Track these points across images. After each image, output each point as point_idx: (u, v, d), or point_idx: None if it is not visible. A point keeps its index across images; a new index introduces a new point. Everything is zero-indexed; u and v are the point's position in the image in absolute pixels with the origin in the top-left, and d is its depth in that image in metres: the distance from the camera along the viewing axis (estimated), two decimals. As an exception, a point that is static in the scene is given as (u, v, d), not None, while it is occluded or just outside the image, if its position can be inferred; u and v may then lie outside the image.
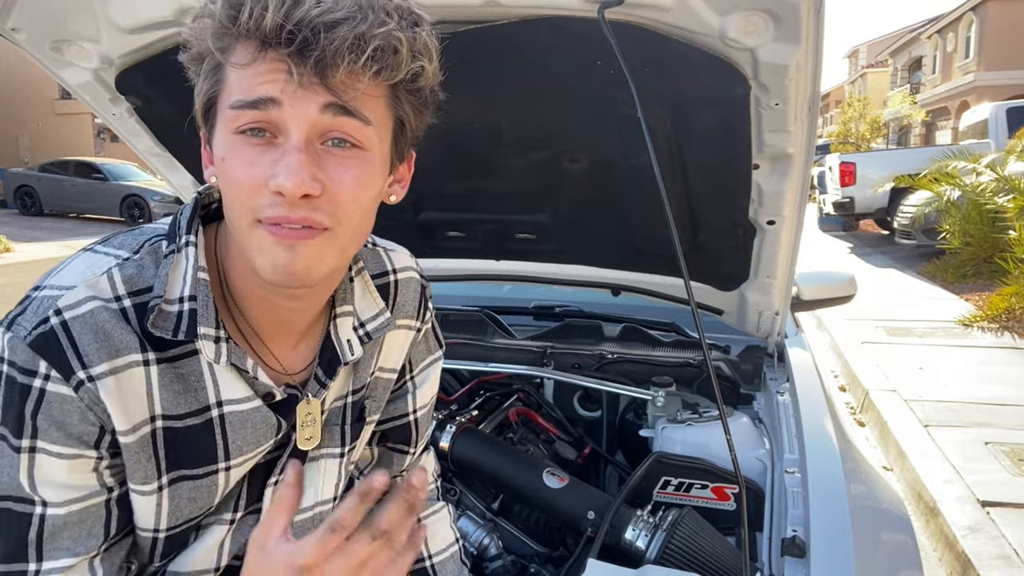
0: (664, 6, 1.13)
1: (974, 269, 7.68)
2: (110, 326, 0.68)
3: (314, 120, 0.65)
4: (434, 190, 1.86)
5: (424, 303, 0.99)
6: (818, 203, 13.39)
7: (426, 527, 0.82)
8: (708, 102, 1.36)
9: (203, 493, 0.78)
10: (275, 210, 0.65)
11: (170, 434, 0.74)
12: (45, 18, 1.33)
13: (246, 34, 0.63)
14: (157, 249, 0.74)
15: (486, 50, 1.33)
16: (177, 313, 0.71)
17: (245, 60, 0.64)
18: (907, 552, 1.30)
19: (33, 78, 22.66)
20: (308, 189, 0.64)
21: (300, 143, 0.64)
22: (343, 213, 0.68)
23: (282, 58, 0.62)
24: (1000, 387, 4.44)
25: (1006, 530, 2.83)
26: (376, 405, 0.96)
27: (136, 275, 0.71)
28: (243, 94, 0.64)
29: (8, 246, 11.39)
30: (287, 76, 0.63)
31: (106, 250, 0.74)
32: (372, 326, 0.87)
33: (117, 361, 0.69)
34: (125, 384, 0.69)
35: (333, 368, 0.84)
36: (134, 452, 0.72)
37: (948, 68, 26.78)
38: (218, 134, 0.68)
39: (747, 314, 1.95)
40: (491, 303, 2.32)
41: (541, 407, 1.98)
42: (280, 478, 0.85)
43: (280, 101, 0.64)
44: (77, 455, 0.69)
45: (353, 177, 0.68)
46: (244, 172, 0.65)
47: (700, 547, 1.30)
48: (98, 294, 0.69)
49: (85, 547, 0.72)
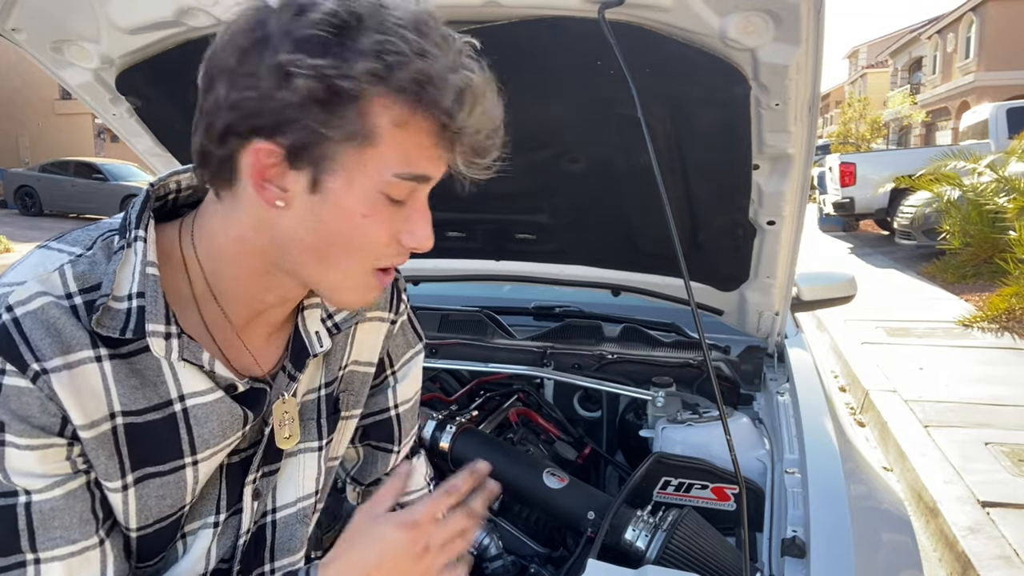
0: (664, 6, 1.13)
1: (974, 269, 7.68)
2: (60, 322, 0.67)
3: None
4: (434, 190, 1.86)
5: (397, 295, 0.99)
6: (818, 203, 13.39)
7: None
8: (708, 102, 1.36)
9: (171, 490, 0.77)
10: (398, 259, 0.74)
11: (132, 430, 0.73)
12: (45, 18, 1.33)
13: (444, 120, 0.66)
14: (109, 244, 0.72)
15: (486, 50, 1.33)
16: (126, 311, 0.70)
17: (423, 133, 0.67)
18: (907, 552, 1.30)
19: (33, 78, 22.68)
20: None
21: (426, 206, 0.73)
22: None
23: (451, 147, 0.69)
24: (1000, 387, 4.44)
25: (1006, 530, 2.83)
26: (355, 400, 0.96)
27: (88, 271, 0.70)
28: (411, 167, 0.68)
29: (8, 246, 11.40)
30: (440, 153, 0.69)
31: (60, 247, 0.73)
32: (339, 317, 0.88)
33: (70, 357, 0.68)
34: (79, 379, 0.68)
35: (302, 360, 0.84)
36: (93, 448, 0.71)
37: (948, 68, 26.79)
38: (356, 185, 0.67)
39: (747, 314, 1.95)
40: (491, 303, 2.31)
41: (541, 407, 1.98)
42: (257, 476, 0.85)
43: (433, 178, 0.71)
44: (46, 445, 0.68)
45: None
46: (381, 230, 0.70)
47: (700, 547, 1.30)
48: (49, 290, 0.68)
49: (80, 533, 0.71)
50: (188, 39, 1.35)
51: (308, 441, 0.89)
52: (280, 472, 0.88)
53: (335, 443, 0.95)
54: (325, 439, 0.91)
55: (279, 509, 0.89)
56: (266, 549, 0.89)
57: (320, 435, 0.90)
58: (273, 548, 0.90)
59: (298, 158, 0.66)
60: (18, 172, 17.96)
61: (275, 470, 0.87)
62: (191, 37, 1.34)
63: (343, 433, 0.96)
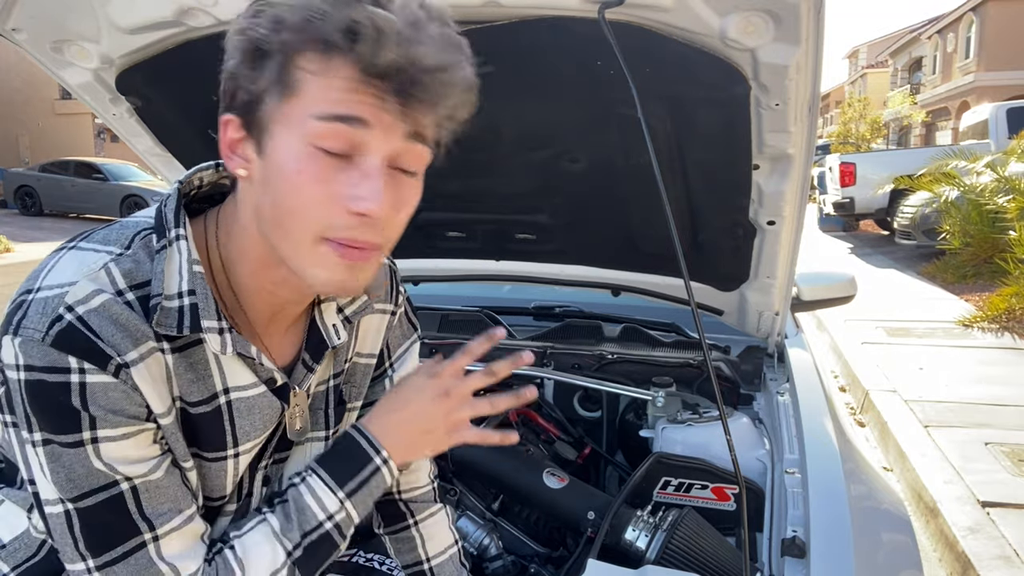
0: (664, 6, 1.13)
1: (974, 269, 7.68)
2: (124, 317, 0.69)
3: (396, 147, 0.68)
4: (434, 190, 1.86)
5: (396, 286, 1.02)
6: (818, 203, 13.39)
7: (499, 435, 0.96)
8: (708, 102, 1.36)
9: (212, 479, 0.81)
10: (348, 232, 0.68)
11: (187, 418, 0.76)
12: (45, 18, 1.33)
13: (355, 60, 0.63)
14: (148, 244, 0.73)
15: (486, 50, 1.33)
16: (178, 309, 0.72)
17: (339, 77, 0.64)
18: (907, 552, 1.30)
19: (33, 78, 22.68)
20: (387, 214, 0.68)
21: (383, 167, 0.67)
22: (394, 233, 0.73)
23: (382, 87, 0.64)
24: (1000, 387, 4.44)
25: (1006, 530, 2.83)
26: (357, 391, 0.99)
27: (134, 269, 0.71)
28: (332, 107, 0.65)
29: (8, 246, 11.40)
30: (380, 103, 0.65)
31: (93, 247, 0.73)
32: (351, 309, 0.90)
33: (141, 348, 0.70)
34: (154, 369, 0.71)
35: (320, 353, 0.87)
36: (171, 434, 0.74)
37: (948, 68, 26.78)
38: (283, 140, 0.67)
39: (747, 314, 1.95)
40: (491, 303, 2.31)
41: (541, 407, 1.98)
42: (268, 463, 0.89)
43: (370, 124, 0.65)
44: (139, 431, 0.71)
45: (410, 201, 0.73)
46: (318, 188, 0.66)
47: (700, 547, 1.30)
48: (103, 288, 0.69)
49: (185, 502, 0.75)
50: (188, 39, 1.35)
51: (316, 431, 0.93)
52: (288, 459, 0.92)
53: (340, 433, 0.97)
54: (331, 429, 0.94)
55: None
56: None
57: (327, 425, 0.94)
58: None
59: (249, 124, 0.68)
60: (18, 172, 17.95)
61: (284, 457, 0.91)
62: (191, 37, 1.34)
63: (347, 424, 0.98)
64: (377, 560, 1.45)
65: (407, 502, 1.11)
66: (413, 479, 1.11)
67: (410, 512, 1.11)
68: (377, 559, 1.45)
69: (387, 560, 1.44)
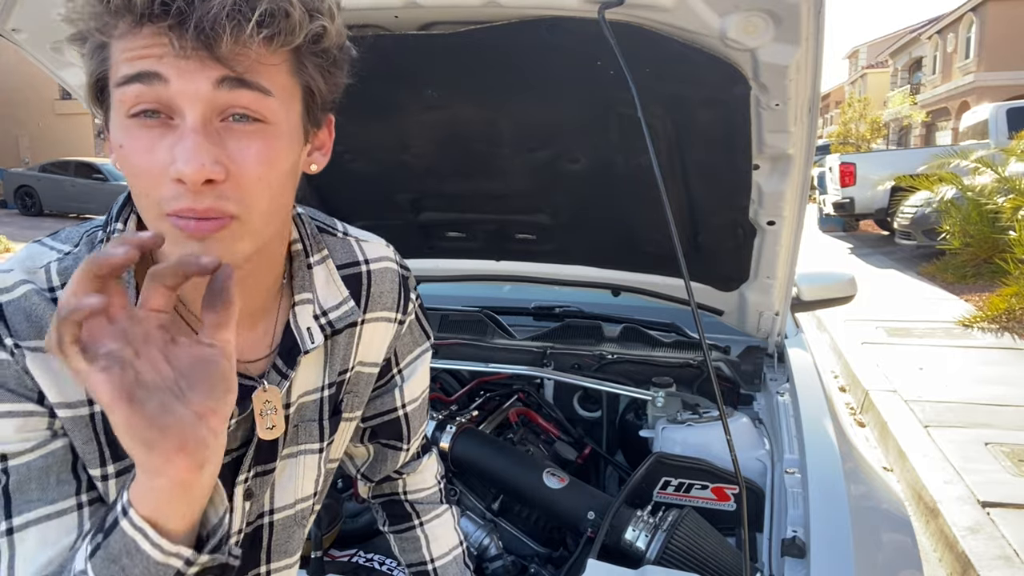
0: (664, 6, 1.13)
1: (974, 270, 7.68)
2: (40, 309, 0.67)
3: (208, 96, 0.60)
4: (434, 190, 1.87)
5: (406, 294, 0.95)
6: (818, 204, 13.39)
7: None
8: (708, 102, 1.36)
9: None
10: (179, 202, 0.60)
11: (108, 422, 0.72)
12: (46, 18, 1.33)
13: (117, 11, 0.58)
14: (92, 239, 0.73)
15: (486, 50, 1.34)
16: None
17: (124, 36, 0.60)
18: (907, 552, 1.30)
19: (33, 78, 22.65)
20: (209, 174, 0.59)
21: (196, 123, 0.60)
22: (251, 197, 0.63)
23: (161, 31, 0.58)
24: (1000, 387, 4.44)
25: (1006, 530, 2.83)
26: (358, 400, 0.94)
27: (72, 266, 0.70)
28: (122, 68, 0.60)
29: (8, 246, 11.40)
30: (169, 49, 0.58)
31: (52, 243, 0.73)
32: (335, 315, 0.84)
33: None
34: (56, 362, 0.67)
35: (293, 357, 0.81)
36: (71, 429, 0.69)
37: (948, 69, 26.78)
38: (113, 119, 0.63)
39: (747, 314, 1.95)
40: (491, 303, 2.32)
41: (541, 407, 1.98)
42: (249, 476, 0.82)
43: (166, 77, 0.59)
44: (27, 412, 0.66)
45: (258, 155, 0.63)
46: (143, 160, 0.61)
47: (700, 547, 1.30)
48: (34, 281, 0.68)
49: (57, 493, 0.69)
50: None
51: (309, 443, 0.88)
52: (279, 473, 0.87)
53: (335, 445, 0.94)
54: (326, 440, 0.90)
55: (277, 511, 0.88)
56: (262, 550, 0.88)
57: (322, 436, 0.89)
58: (270, 549, 0.89)
59: (103, 113, 0.66)
60: (18, 172, 17.95)
61: (270, 470, 0.85)
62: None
63: (343, 435, 0.95)
64: (377, 560, 1.45)
65: (413, 503, 1.10)
66: (419, 480, 1.10)
67: (416, 513, 1.10)
68: (377, 559, 1.45)
69: (387, 560, 1.44)
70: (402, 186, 1.86)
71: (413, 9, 1.24)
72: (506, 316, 2.22)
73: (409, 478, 1.09)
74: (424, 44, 1.33)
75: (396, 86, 1.49)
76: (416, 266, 2.22)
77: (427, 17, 1.28)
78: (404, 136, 1.67)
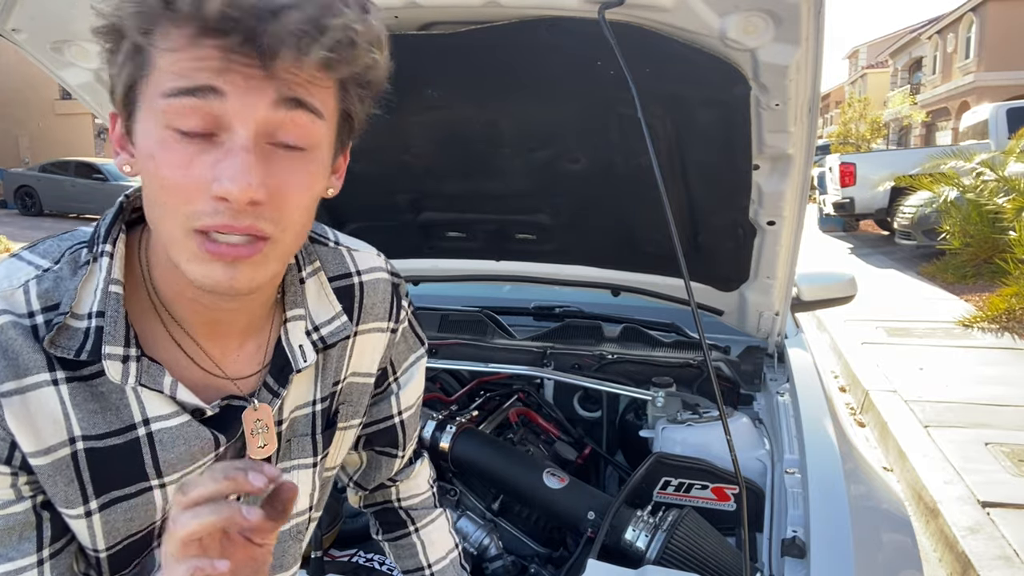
0: (664, 6, 1.13)
1: (974, 270, 7.69)
2: (18, 344, 0.65)
3: (264, 116, 0.59)
4: (434, 190, 1.87)
5: (397, 302, 0.94)
6: (818, 204, 13.39)
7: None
8: (708, 102, 1.37)
9: (140, 512, 0.74)
10: (217, 218, 0.59)
11: (93, 455, 0.69)
12: (46, 18, 1.33)
13: (181, 19, 0.56)
14: (76, 258, 0.69)
15: (486, 50, 1.34)
16: (84, 330, 0.66)
17: (178, 46, 0.57)
18: (907, 553, 1.30)
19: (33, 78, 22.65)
20: (256, 195, 0.58)
21: (248, 142, 0.59)
22: (288, 220, 0.63)
23: (224, 46, 0.56)
24: (1000, 387, 4.44)
25: (1006, 531, 2.83)
26: (353, 410, 0.93)
27: (52, 288, 0.67)
28: (176, 80, 0.57)
29: (8, 246, 11.40)
30: (227, 65, 0.57)
31: (31, 258, 0.70)
32: (327, 330, 0.82)
33: (24, 381, 0.65)
34: (34, 405, 0.65)
35: (285, 376, 0.79)
36: (49, 475, 0.67)
37: (948, 69, 26.78)
38: (144, 125, 0.61)
39: (747, 314, 1.95)
40: (491, 303, 2.32)
41: (541, 407, 1.98)
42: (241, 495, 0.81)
43: (224, 92, 0.57)
44: None
45: (301, 182, 0.63)
46: (177, 174, 0.59)
47: (700, 547, 1.30)
48: (11, 308, 0.66)
49: (19, 551, 0.68)
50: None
51: (303, 457, 0.86)
52: None
53: (332, 455, 0.92)
54: (320, 454, 0.88)
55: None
56: None
57: (315, 451, 0.87)
58: None
59: (127, 116, 0.63)
60: (18, 172, 17.95)
61: None
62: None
63: (340, 444, 0.94)
64: (377, 560, 1.45)
65: (407, 509, 1.09)
66: (412, 486, 1.09)
67: (410, 519, 1.09)
68: (377, 559, 1.45)
69: (387, 560, 1.44)
70: (402, 186, 1.86)
71: (413, 9, 1.24)
72: (506, 316, 2.22)
73: (402, 484, 1.08)
74: (424, 44, 1.33)
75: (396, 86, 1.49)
76: (416, 266, 2.23)
77: (427, 17, 1.28)
78: (404, 136, 1.67)
